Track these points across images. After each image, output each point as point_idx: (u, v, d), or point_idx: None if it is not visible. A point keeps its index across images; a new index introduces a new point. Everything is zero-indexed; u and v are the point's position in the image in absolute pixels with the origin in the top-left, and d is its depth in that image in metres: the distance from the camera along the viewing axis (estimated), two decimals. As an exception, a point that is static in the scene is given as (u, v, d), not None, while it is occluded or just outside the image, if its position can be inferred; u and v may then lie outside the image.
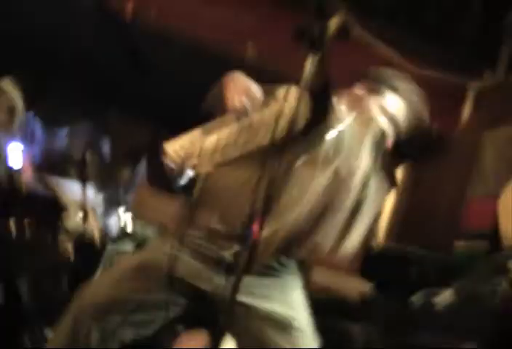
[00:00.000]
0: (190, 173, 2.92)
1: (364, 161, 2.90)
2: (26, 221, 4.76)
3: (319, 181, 2.79)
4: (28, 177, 5.46)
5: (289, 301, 2.93)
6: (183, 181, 2.92)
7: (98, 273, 5.15)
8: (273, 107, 2.85)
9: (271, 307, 2.87)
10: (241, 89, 2.90)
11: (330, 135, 2.85)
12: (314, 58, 2.57)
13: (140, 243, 5.60)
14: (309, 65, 2.56)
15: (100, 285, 2.96)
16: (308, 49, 2.57)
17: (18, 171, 5.65)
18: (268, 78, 3.38)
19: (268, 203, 2.38)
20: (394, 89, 3.07)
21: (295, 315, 2.90)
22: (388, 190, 3.11)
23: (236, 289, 2.37)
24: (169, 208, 3.16)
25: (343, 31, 2.88)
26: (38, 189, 5.29)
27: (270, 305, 2.86)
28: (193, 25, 6.03)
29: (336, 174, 2.83)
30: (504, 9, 6.16)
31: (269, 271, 2.89)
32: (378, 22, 6.39)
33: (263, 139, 2.79)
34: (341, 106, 2.94)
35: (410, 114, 3.11)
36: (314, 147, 2.82)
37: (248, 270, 2.36)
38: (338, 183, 2.82)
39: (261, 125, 2.85)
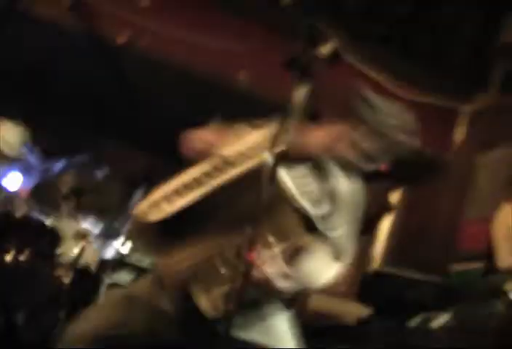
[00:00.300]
0: None
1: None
2: (23, 252, 4.76)
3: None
4: (24, 207, 5.48)
5: (270, 330, 2.87)
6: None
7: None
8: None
9: (249, 337, 2.80)
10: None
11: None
12: (303, 87, 2.59)
13: (138, 273, 5.60)
14: (298, 93, 2.59)
15: (88, 318, 2.98)
16: (297, 78, 2.60)
17: (15, 199, 5.67)
18: (259, 105, 3.42)
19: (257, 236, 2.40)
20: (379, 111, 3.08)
21: (276, 344, 2.84)
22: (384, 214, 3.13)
23: (230, 321, 2.39)
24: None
25: (334, 57, 2.91)
26: (34, 219, 5.30)
27: (247, 335, 2.80)
28: (186, 52, 6.08)
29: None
30: (493, 33, 6.21)
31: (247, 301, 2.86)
32: (370, 48, 6.44)
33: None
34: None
35: (398, 133, 3.11)
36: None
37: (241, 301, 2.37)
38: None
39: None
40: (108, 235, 5.94)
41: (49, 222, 5.30)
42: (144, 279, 3.06)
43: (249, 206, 2.46)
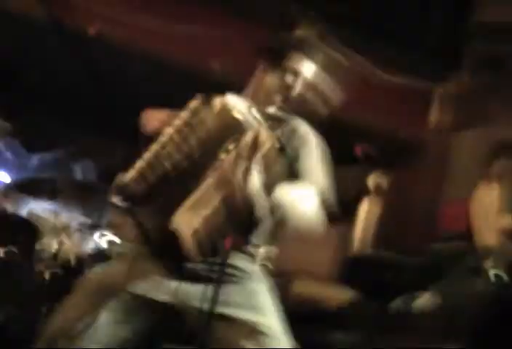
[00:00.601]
0: None
1: None
2: (2, 248, 4.75)
3: None
4: (2, 202, 5.45)
5: (256, 306, 2.91)
6: None
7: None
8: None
9: (235, 314, 2.86)
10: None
11: None
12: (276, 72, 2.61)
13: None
14: (271, 79, 2.61)
15: (65, 309, 3.00)
16: (270, 66, 2.62)
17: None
18: (234, 93, 3.43)
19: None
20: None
21: (262, 320, 2.88)
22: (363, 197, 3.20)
23: (214, 300, 2.41)
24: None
25: (308, 40, 2.94)
26: (12, 214, 5.28)
27: (234, 311, 2.85)
28: (158, 42, 6.07)
29: None
30: (466, 13, 6.23)
31: (230, 278, 2.88)
32: (343, 31, 6.44)
33: None
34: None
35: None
36: None
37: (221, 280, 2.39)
38: None
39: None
40: (88, 227, 5.93)
41: (27, 216, 5.28)
42: (118, 263, 3.07)
43: None
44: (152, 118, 3.04)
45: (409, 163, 6.86)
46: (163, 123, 2.97)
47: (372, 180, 6.24)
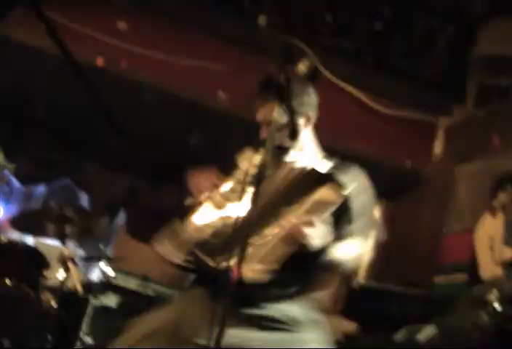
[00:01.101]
0: None
1: None
2: (10, 277, 4.75)
3: None
4: (7, 233, 5.47)
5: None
6: None
7: (84, 327, 5.15)
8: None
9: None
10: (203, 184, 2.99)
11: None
12: (281, 107, 2.62)
13: (125, 295, 5.60)
14: (276, 113, 2.62)
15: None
16: (274, 99, 2.62)
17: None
18: (237, 124, 3.46)
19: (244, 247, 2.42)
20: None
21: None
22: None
23: (219, 338, 2.38)
24: (150, 259, 3.19)
25: (311, 74, 2.94)
26: (19, 243, 5.29)
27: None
28: (164, 73, 6.12)
29: None
30: (468, 46, 6.28)
31: (276, 325, 2.79)
32: (347, 64, 6.49)
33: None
34: None
35: None
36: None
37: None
38: None
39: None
40: (94, 257, 5.94)
41: (34, 246, 5.29)
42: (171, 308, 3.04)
43: None
44: (198, 185, 3.01)
45: (413, 194, 6.88)
46: (210, 189, 2.96)
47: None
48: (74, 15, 5.74)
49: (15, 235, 5.45)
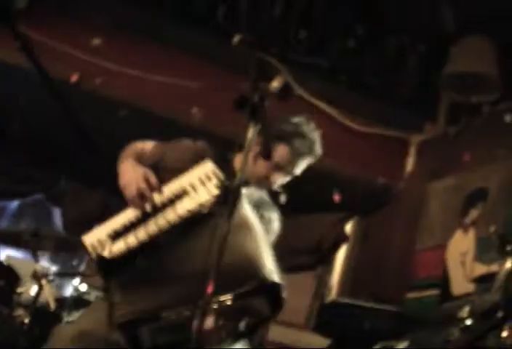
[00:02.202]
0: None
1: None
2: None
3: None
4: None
5: None
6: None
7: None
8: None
9: None
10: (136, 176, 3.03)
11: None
12: (255, 126, 2.64)
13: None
14: (251, 132, 2.63)
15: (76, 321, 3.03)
16: (249, 118, 2.64)
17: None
18: (213, 141, 3.48)
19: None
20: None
21: None
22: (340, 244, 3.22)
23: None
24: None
25: (284, 91, 2.96)
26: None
27: None
28: (139, 90, 6.13)
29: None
30: (440, 64, 6.34)
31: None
32: (319, 81, 6.53)
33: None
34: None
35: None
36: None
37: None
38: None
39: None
40: (66, 273, 5.93)
41: (6, 261, 5.28)
42: (93, 312, 3.08)
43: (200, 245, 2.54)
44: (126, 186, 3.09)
45: (385, 211, 6.92)
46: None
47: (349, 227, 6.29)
48: (49, 32, 5.75)
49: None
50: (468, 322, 4.10)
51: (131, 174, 3.11)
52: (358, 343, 4.99)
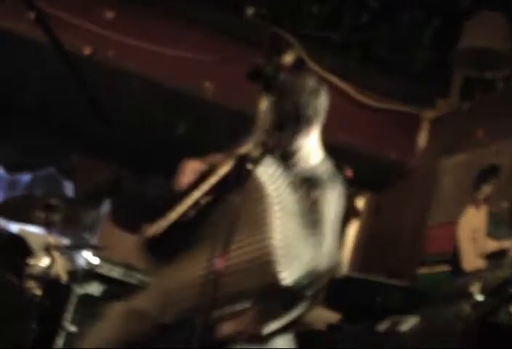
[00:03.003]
0: None
1: None
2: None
3: None
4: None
5: None
6: None
7: (67, 315, 5.16)
8: None
9: None
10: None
11: None
12: (268, 98, 2.63)
13: (109, 284, 5.62)
14: (263, 104, 2.62)
15: (97, 333, 3.06)
16: (262, 90, 2.63)
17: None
18: (224, 113, 3.47)
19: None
20: None
21: None
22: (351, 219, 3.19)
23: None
24: (134, 247, 3.21)
25: (297, 65, 2.94)
26: (3, 231, 5.31)
27: None
28: (151, 64, 6.12)
29: None
30: (454, 39, 6.30)
31: None
32: (332, 56, 6.51)
33: None
34: None
35: None
36: None
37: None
38: None
39: None
40: (78, 246, 5.96)
41: (19, 234, 5.31)
42: (144, 293, 3.11)
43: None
44: (188, 171, 3.07)
45: (397, 186, 6.92)
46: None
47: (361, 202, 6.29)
48: (62, 4, 5.74)
49: (0, 223, 5.47)
50: (479, 298, 4.11)
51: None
52: (369, 318, 5.00)
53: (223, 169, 2.89)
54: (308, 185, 2.94)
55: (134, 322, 2.93)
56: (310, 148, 3.05)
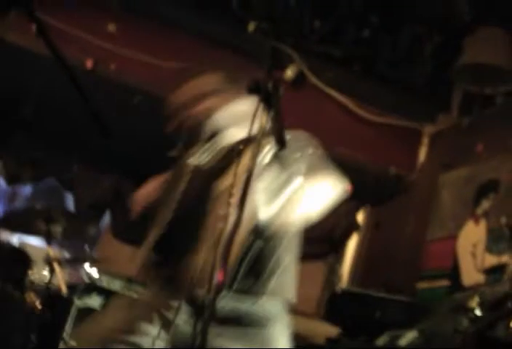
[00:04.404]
0: None
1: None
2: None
3: None
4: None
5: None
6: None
7: (67, 328, 5.16)
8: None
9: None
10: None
11: None
12: (269, 112, 2.63)
13: (108, 297, 5.62)
14: (263, 119, 2.63)
15: (99, 319, 3.08)
16: (262, 103, 2.64)
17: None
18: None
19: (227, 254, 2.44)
20: None
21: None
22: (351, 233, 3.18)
23: (204, 334, 2.41)
24: (134, 260, 3.22)
25: (299, 80, 2.96)
26: (5, 243, 5.31)
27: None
28: (152, 77, 6.14)
29: None
30: (454, 54, 6.33)
31: (252, 319, 2.89)
32: (333, 70, 6.53)
33: None
34: None
35: None
36: None
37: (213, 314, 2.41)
38: None
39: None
40: (78, 258, 5.96)
41: (20, 246, 5.32)
42: (150, 289, 3.14)
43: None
44: (138, 201, 3.16)
45: (397, 201, 6.93)
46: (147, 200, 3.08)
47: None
48: (64, 17, 5.77)
49: (1, 235, 5.47)
50: (478, 312, 4.12)
51: None
52: (368, 332, 5.01)
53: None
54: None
55: (137, 310, 2.94)
56: None
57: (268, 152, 2.92)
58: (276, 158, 2.93)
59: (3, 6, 2.52)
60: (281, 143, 2.75)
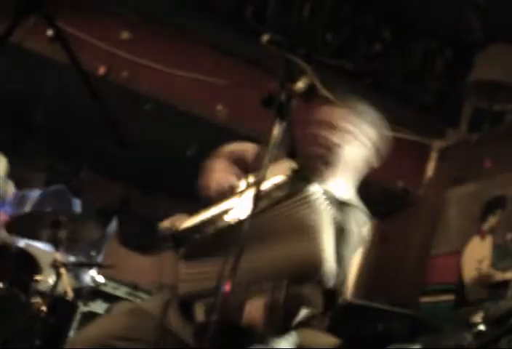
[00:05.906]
0: None
1: None
2: (0, 280, 4.79)
3: None
4: (2, 235, 5.49)
5: None
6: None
7: (72, 333, 5.18)
8: None
9: None
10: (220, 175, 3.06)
11: None
12: (281, 125, 2.65)
13: (113, 302, 5.63)
14: (276, 130, 2.64)
15: (97, 324, 3.10)
16: (275, 116, 2.65)
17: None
18: (235, 138, 3.51)
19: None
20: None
21: None
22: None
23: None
24: (140, 267, 3.24)
25: (310, 92, 2.97)
26: (12, 247, 5.32)
27: None
28: (165, 84, 6.17)
29: None
30: (465, 70, 6.35)
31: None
32: (344, 84, 6.55)
33: None
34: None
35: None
36: None
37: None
38: None
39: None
40: (85, 264, 5.98)
41: (27, 250, 5.33)
42: (155, 297, 3.14)
43: None
44: (213, 182, 3.09)
45: (404, 215, 6.94)
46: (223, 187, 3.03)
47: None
48: (79, 24, 5.80)
49: (8, 239, 5.48)
50: (482, 327, 4.12)
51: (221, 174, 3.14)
52: (371, 345, 5.01)
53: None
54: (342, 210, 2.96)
55: (137, 319, 2.95)
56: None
57: None
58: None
59: (21, 12, 2.54)
60: (293, 155, 2.78)
